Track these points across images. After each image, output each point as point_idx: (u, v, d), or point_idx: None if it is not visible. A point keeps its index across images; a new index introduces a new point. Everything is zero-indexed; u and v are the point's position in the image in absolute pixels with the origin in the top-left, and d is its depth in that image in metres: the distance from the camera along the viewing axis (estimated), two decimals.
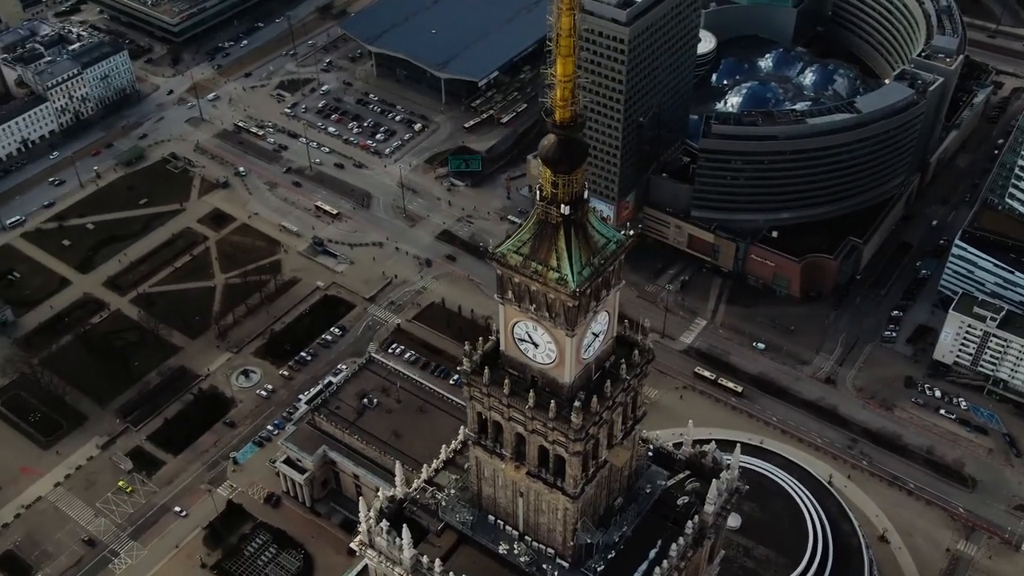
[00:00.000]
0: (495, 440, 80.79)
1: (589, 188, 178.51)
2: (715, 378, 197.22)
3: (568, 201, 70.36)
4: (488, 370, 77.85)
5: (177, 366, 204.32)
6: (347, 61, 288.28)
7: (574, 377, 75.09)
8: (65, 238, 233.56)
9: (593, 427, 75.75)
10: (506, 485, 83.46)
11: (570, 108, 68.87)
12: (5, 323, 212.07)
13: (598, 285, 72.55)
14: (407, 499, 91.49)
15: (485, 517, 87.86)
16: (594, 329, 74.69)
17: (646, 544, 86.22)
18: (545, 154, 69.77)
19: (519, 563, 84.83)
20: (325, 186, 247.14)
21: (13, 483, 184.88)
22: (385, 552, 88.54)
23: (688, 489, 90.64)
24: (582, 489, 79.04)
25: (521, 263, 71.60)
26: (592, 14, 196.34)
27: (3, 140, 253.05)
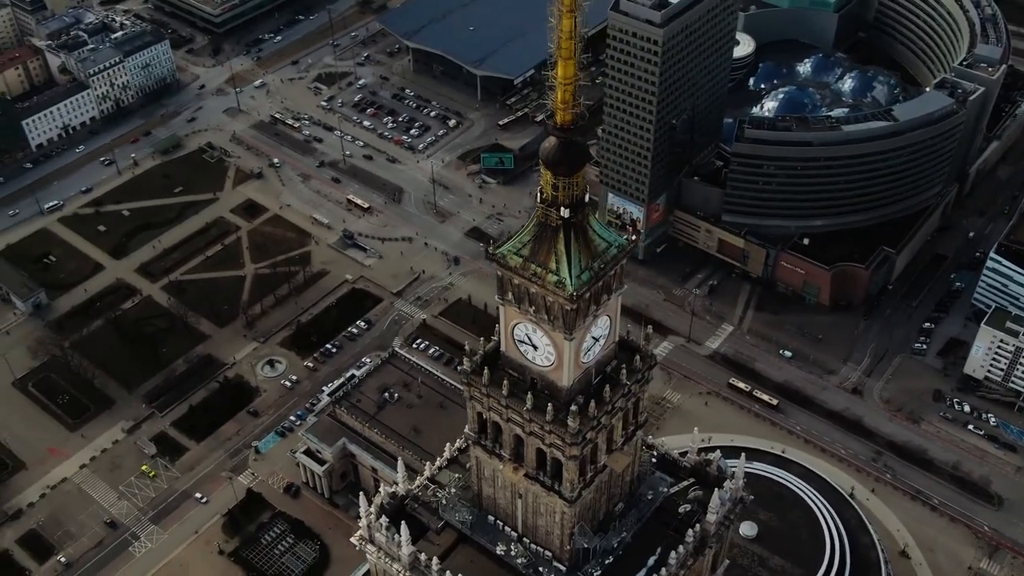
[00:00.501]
0: (495, 440, 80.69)
1: (619, 190, 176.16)
2: (750, 390, 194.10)
3: (568, 204, 70.01)
4: (488, 370, 77.68)
5: (204, 354, 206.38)
6: (385, 56, 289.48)
7: (573, 381, 74.70)
8: (101, 224, 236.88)
9: (591, 432, 75.34)
10: (505, 486, 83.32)
11: (571, 111, 68.53)
12: (39, 306, 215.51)
13: (598, 289, 72.03)
14: (409, 496, 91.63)
15: (485, 517, 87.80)
16: (594, 333, 74.23)
17: (646, 551, 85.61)
18: (545, 156, 69.56)
19: (516, 565, 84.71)
20: (357, 180, 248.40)
21: (40, 463, 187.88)
22: (384, 548, 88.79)
23: (691, 497, 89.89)
24: (579, 493, 78.66)
25: (521, 265, 71.32)
26: (627, 15, 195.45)
27: (45, 125, 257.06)
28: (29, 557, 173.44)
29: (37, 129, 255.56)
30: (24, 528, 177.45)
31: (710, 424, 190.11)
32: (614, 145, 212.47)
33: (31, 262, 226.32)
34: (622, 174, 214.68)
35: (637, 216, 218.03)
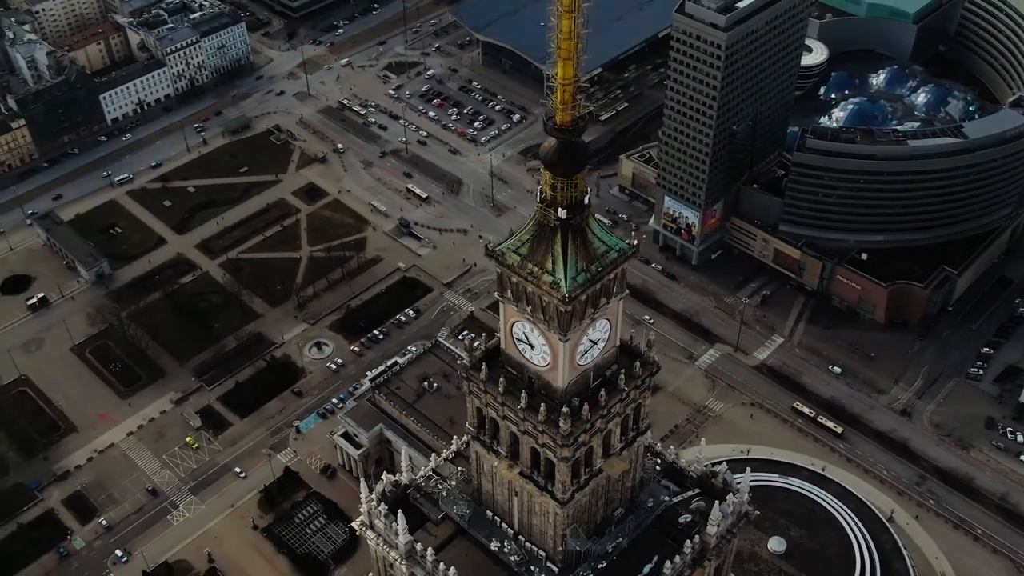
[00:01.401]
0: (492, 437, 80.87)
1: (676, 193, 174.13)
2: (814, 415, 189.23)
3: (566, 205, 69.71)
4: (486, 366, 77.87)
5: (255, 332, 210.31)
6: (455, 48, 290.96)
7: (568, 382, 74.42)
8: (167, 199, 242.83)
9: (584, 435, 74.98)
10: (503, 483, 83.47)
11: (570, 111, 68.26)
12: (101, 275, 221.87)
13: (596, 292, 71.57)
14: (412, 485, 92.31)
15: (483, 512, 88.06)
16: (592, 336, 73.82)
17: (642, 558, 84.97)
18: (544, 156, 69.38)
19: (510, 562, 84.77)
20: (418, 169, 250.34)
21: (90, 428, 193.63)
22: (383, 535, 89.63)
23: (692, 507, 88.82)
24: (572, 495, 78.38)
25: (518, 263, 71.26)
26: (691, 17, 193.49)
27: (121, 100, 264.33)
28: (73, 517, 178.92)
29: (113, 103, 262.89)
30: (70, 489, 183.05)
31: (751, 436, 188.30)
32: (673, 148, 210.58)
33: (98, 232, 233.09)
34: (679, 178, 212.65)
35: (692, 221, 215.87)
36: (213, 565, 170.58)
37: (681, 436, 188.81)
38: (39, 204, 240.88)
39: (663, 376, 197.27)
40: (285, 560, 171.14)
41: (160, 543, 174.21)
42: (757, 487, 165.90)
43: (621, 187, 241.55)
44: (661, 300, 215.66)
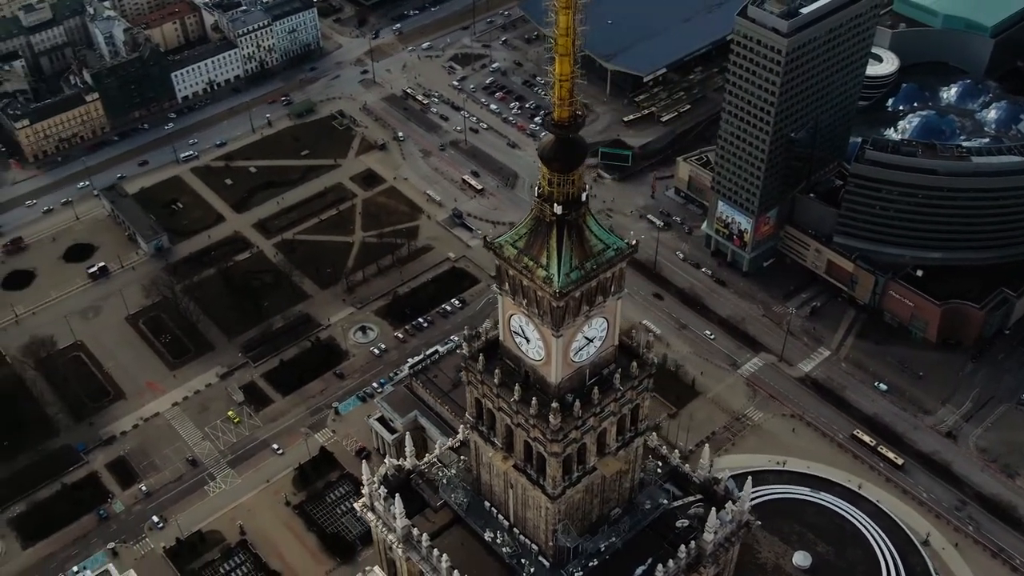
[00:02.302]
0: (490, 428, 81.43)
1: (730, 198, 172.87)
2: (875, 444, 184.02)
3: (562, 201, 69.77)
4: (485, 357, 78.45)
5: (303, 313, 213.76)
6: (522, 42, 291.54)
7: (562, 378, 74.58)
8: (229, 177, 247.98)
9: (575, 431, 75.08)
10: (499, 474, 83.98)
11: (568, 107, 68.31)
12: (160, 248, 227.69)
13: (591, 290, 71.52)
14: (415, 471, 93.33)
15: (481, 502, 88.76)
16: (587, 334, 73.80)
17: (635, 560, 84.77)
18: (542, 152, 69.74)
19: (502, 554, 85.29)
20: (476, 161, 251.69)
21: (138, 396, 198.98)
22: (383, 517, 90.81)
23: (691, 513, 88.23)
24: (563, 491, 78.56)
25: (515, 256, 71.62)
26: (753, 21, 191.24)
27: (192, 79, 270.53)
28: (115, 481, 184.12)
29: (184, 82, 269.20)
30: (114, 454, 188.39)
31: (789, 448, 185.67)
32: (728, 153, 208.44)
33: (160, 206, 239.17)
34: (734, 183, 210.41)
35: (745, 227, 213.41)
36: (244, 537, 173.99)
37: (717, 443, 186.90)
38: (106, 176, 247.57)
39: (703, 381, 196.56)
40: (314, 538, 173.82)
41: (195, 512, 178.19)
42: (787, 500, 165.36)
43: (677, 189, 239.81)
44: (708, 305, 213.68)
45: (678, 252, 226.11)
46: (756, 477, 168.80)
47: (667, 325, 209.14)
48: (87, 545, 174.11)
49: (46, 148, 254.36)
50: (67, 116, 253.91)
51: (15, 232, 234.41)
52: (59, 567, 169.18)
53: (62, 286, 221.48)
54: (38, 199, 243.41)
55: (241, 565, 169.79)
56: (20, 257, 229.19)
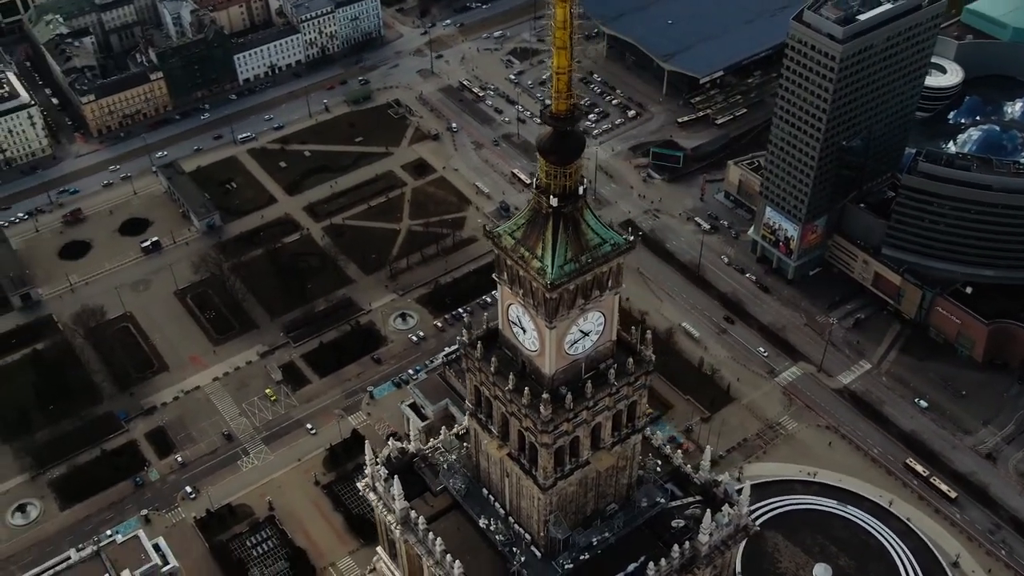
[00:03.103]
0: (487, 416, 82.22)
1: (778, 204, 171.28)
2: (927, 475, 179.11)
3: (558, 193, 70.19)
4: (483, 346, 79.27)
5: (345, 297, 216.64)
6: (581, 38, 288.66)
7: (556, 370, 75.04)
8: (283, 160, 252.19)
9: (567, 423, 75.48)
10: (497, 462, 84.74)
11: (565, 100, 68.65)
12: (212, 226, 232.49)
13: (586, 283, 71.82)
14: (418, 455, 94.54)
15: (480, 489, 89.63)
16: (582, 327, 74.11)
17: (628, 557, 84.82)
18: (540, 144, 70.24)
19: (495, 541, 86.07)
20: (527, 155, 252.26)
21: (180, 369, 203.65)
22: (384, 498, 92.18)
23: (687, 513, 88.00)
24: (555, 482, 79.03)
25: (512, 247, 72.25)
26: (809, 26, 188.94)
27: (254, 62, 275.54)
28: (152, 450, 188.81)
29: (247, 65, 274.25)
30: (154, 424, 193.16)
31: (822, 459, 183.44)
32: (778, 158, 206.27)
33: (215, 186, 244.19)
34: (782, 189, 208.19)
35: (791, 234, 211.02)
36: (272, 513, 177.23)
37: (748, 450, 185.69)
38: (165, 154, 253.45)
39: (738, 387, 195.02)
40: (340, 518, 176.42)
41: (227, 486, 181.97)
42: (814, 512, 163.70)
43: (726, 193, 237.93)
44: (749, 311, 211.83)
45: (723, 256, 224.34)
46: (783, 487, 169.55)
47: (706, 329, 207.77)
48: (122, 510, 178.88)
49: (110, 123, 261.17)
50: (131, 93, 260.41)
51: (75, 204, 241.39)
52: (94, 530, 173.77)
53: (116, 258, 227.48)
54: (99, 173, 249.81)
55: (267, 540, 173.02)
56: (78, 228, 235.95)
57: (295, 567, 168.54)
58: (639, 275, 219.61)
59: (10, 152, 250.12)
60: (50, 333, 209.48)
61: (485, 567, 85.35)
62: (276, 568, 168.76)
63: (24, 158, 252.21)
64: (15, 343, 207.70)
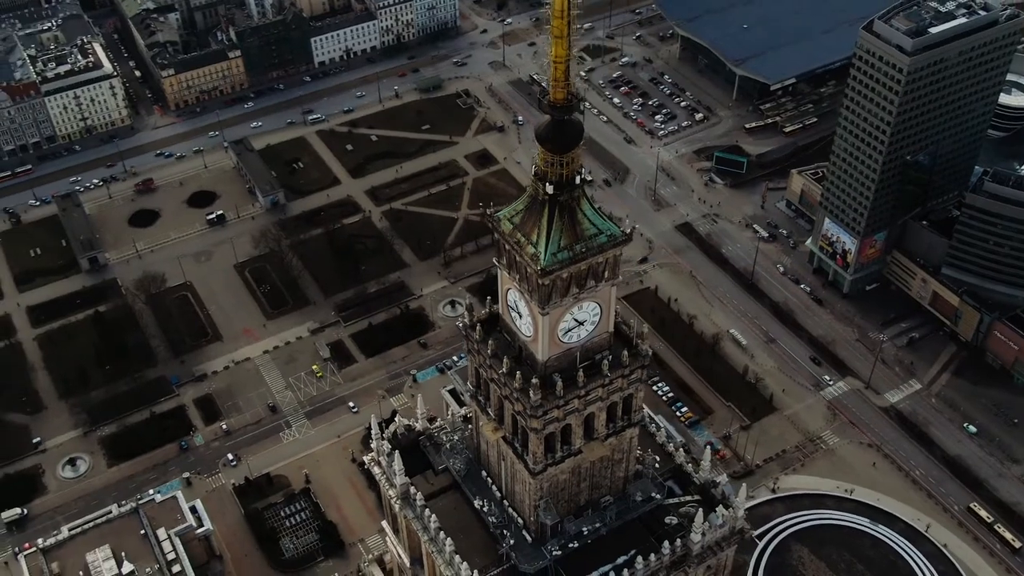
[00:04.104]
0: (486, 398, 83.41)
1: (837, 216, 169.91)
2: (992, 522, 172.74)
3: (554, 181, 70.96)
4: (483, 329, 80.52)
5: (398, 281, 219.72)
6: (656, 39, 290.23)
7: (549, 356, 75.89)
8: (350, 143, 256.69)
9: (557, 410, 76.27)
10: (494, 445, 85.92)
11: (563, 89, 69.33)
12: (276, 203, 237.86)
13: (580, 272, 72.46)
14: (425, 433, 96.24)
15: (479, 471, 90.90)
16: (577, 316, 74.78)
17: (618, 549, 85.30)
18: (537, 132, 71.16)
19: (488, 523, 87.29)
20: (590, 152, 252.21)
21: (233, 340, 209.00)
22: (386, 472, 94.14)
23: (682, 512, 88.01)
24: (544, 468, 79.88)
25: (510, 231, 73.29)
26: (878, 36, 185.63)
27: (330, 46, 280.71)
28: (199, 416, 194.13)
29: (323, 48, 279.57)
30: (203, 391, 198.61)
31: (860, 476, 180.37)
32: (840, 169, 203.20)
33: (282, 164, 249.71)
34: (842, 200, 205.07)
35: (849, 247, 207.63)
36: (308, 486, 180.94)
37: (786, 462, 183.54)
38: (237, 130, 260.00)
39: (783, 398, 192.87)
40: (373, 496, 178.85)
41: (267, 456, 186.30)
42: (844, 528, 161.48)
43: (788, 202, 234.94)
44: (800, 322, 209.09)
45: (779, 265, 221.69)
46: (814, 500, 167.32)
47: (754, 337, 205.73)
48: (165, 471, 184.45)
49: (187, 98, 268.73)
50: (209, 70, 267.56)
51: (148, 173, 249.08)
52: (137, 488, 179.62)
53: (181, 228, 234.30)
54: (173, 145, 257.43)
55: (301, 511, 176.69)
56: (149, 197, 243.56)
57: (324, 540, 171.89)
58: (691, 279, 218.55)
59: (91, 120, 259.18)
60: (113, 296, 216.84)
61: (477, 547, 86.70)
62: (306, 539, 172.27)
63: (104, 127, 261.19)
64: (80, 303, 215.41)
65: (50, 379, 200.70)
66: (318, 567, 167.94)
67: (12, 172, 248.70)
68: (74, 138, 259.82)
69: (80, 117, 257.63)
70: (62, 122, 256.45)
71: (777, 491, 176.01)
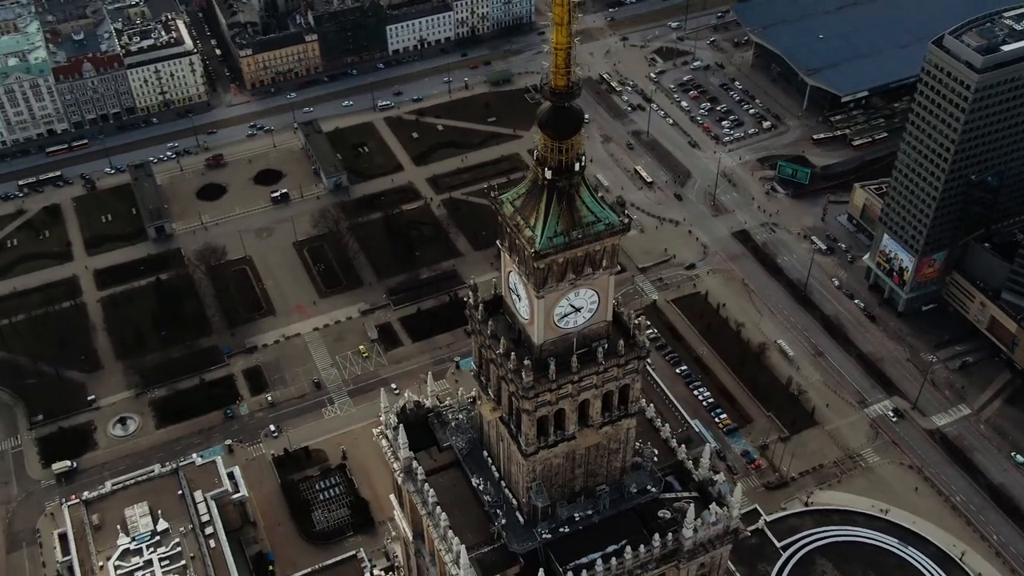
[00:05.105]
0: (487, 378, 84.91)
1: (895, 232, 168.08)
2: None
3: (553, 167, 72.02)
4: (486, 309, 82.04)
5: (450, 269, 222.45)
6: (729, 44, 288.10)
7: (544, 340, 76.97)
8: (416, 131, 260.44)
9: (550, 394, 77.35)
10: (493, 425, 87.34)
11: (564, 76, 70.30)
12: (338, 185, 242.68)
13: (576, 259, 73.39)
14: (433, 410, 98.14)
15: (480, 451, 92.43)
16: (573, 302, 75.70)
17: (609, 538, 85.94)
18: (539, 117, 72.30)
19: (484, 501, 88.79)
20: (653, 154, 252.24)
21: (286, 315, 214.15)
22: (392, 446, 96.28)
23: (676, 506, 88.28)
24: (537, 450, 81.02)
25: (511, 214, 74.55)
26: (947, 52, 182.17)
27: (405, 35, 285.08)
28: (246, 387, 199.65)
29: (397, 36, 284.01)
30: (252, 363, 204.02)
31: (898, 498, 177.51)
32: (901, 185, 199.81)
33: (348, 148, 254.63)
34: (902, 217, 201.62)
35: (906, 265, 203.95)
36: (344, 462, 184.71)
37: (822, 477, 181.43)
38: (307, 113, 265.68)
39: (825, 413, 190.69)
40: None
41: (308, 430, 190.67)
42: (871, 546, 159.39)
43: (850, 216, 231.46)
44: (850, 337, 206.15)
45: (834, 279, 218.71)
46: (844, 516, 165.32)
47: (802, 349, 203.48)
48: (209, 437, 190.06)
49: (263, 78, 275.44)
50: (286, 52, 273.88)
51: (220, 149, 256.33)
52: (182, 451, 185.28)
53: (246, 204, 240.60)
54: (245, 123, 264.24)
55: (335, 486, 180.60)
56: (218, 172, 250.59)
57: (355, 515, 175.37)
58: (743, 286, 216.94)
59: (169, 95, 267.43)
60: (175, 265, 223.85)
61: (471, 523, 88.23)
62: (338, 514, 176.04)
63: (181, 102, 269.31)
64: (143, 270, 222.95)
65: (109, 340, 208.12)
66: (347, 541, 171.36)
67: (69, 145, 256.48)
68: (152, 111, 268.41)
69: (159, 91, 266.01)
70: (142, 95, 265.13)
71: (810, 505, 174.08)
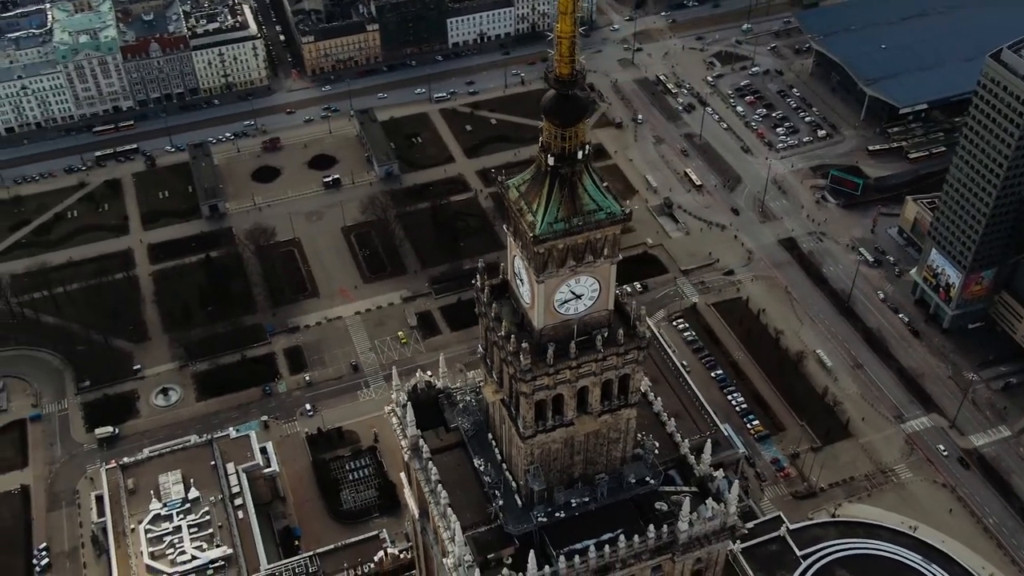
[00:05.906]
0: (492, 360, 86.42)
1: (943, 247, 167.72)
2: None
3: (556, 154, 73.15)
4: (491, 293, 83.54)
5: (493, 260, 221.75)
6: (790, 51, 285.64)
7: (544, 325, 78.20)
8: (470, 124, 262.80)
9: (547, 378, 78.56)
10: (497, 408, 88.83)
11: (568, 64, 71.33)
12: (390, 173, 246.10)
13: (577, 246, 74.47)
14: (444, 391, 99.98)
15: (485, 433, 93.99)
16: (574, 288, 76.80)
17: (604, 526, 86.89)
18: (543, 104, 73.41)
19: (484, 482, 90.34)
20: (704, 157, 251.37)
21: (329, 298, 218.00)
22: (401, 424, 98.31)
23: (673, 499, 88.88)
24: (534, 434, 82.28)
25: (515, 199, 75.93)
26: (1004, 65, 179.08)
27: (465, 28, 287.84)
28: (286, 365, 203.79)
29: (457, 29, 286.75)
30: (293, 343, 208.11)
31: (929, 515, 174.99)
32: (952, 200, 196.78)
33: (402, 137, 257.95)
34: (951, 232, 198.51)
35: (953, 281, 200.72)
36: (375, 445, 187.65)
37: (852, 489, 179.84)
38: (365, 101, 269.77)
39: (859, 425, 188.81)
40: None
41: (342, 411, 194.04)
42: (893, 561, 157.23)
43: (900, 229, 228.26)
44: (892, 351, 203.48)
45: (879, 292, 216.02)
46: (868, 530, 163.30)
47: (840, 360, 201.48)
48: (247, 412, 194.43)
49: (323, 65, 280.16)
50: (347, 40, 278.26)
51: (277, 132, 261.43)
52: (220, 424, 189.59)
53: (299, 187, 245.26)
54: (303, 109, 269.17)
55: (365, 467, 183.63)
56: (274, 155, 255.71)
57: (383, 498, 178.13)
58: (786, 294, 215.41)
59: (232, 78, 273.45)
60: (226, 243, 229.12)
61: (470, 503, 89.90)
62: (366, 495, 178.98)
63: (243, 85, 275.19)
64: (194, 247, 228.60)
65: (158, 313, 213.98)
66: (372, 522, 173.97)
67: (115, 125, 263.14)
68: (214, 92, 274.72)
69: (222, 73, 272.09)
70: (205, 76, 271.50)
71: (836, 516, 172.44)
